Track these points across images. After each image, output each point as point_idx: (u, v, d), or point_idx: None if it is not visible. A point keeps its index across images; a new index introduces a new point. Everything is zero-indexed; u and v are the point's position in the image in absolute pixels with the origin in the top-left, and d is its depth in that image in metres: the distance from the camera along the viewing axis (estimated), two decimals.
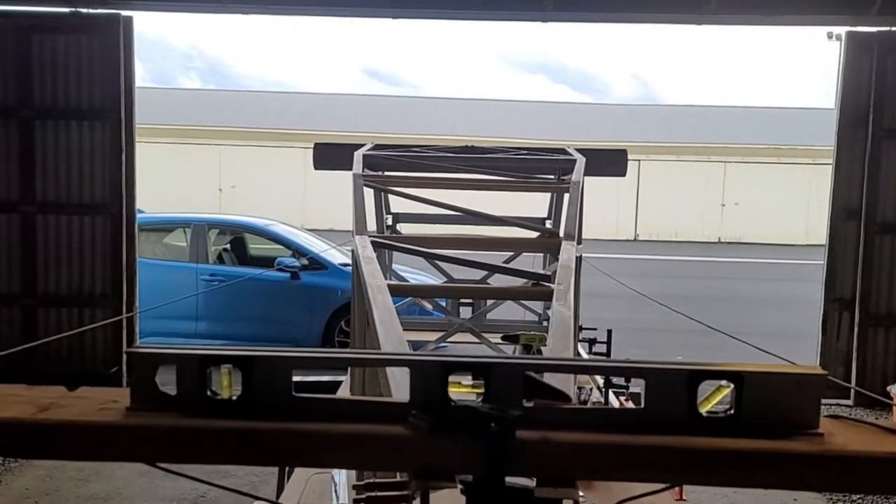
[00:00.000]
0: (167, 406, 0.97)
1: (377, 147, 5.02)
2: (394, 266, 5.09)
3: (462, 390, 0.99)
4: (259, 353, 0.98)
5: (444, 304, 5.19)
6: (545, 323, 5.62)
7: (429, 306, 5.53)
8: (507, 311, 5.59)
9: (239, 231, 9.67)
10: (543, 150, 5.33)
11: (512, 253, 4.37)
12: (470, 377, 1.05)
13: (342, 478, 3.33)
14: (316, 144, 5.67)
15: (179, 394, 0.97)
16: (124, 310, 7.37)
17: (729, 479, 0.92)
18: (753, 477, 0.92)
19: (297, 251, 9.07)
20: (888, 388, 6.22)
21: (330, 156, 5.54)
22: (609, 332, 4.21)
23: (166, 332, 8.20)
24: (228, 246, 9.52)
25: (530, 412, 0.94)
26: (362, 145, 4.81)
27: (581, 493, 0.97)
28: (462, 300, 5.35)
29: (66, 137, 7.38)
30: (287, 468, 4.51)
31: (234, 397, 0.98)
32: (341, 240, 9.84)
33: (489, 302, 5.09)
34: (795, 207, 24.07)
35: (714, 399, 0.96)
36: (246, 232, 9.65)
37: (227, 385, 0.98)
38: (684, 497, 3.02)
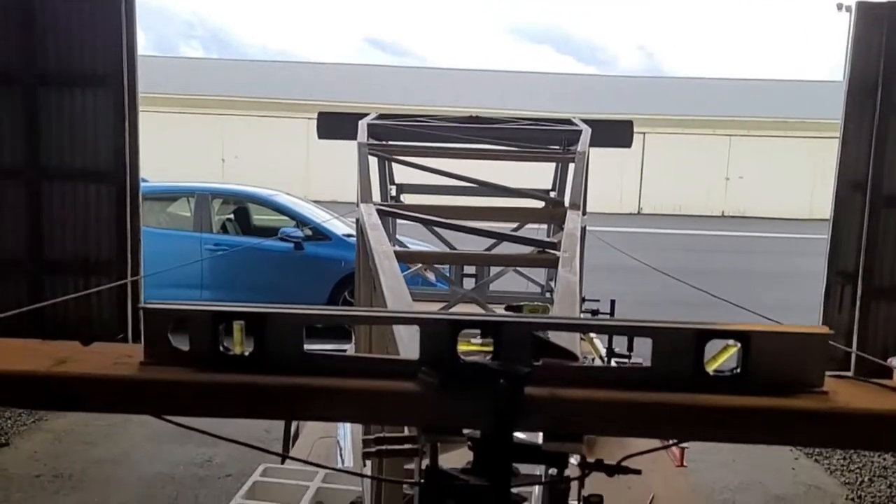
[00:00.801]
0: (180, 361, 0.99)
1: (381, 117, 5.00)
2: (398, 237, 5.10)
3: (471, 348, 1.00)
4: (271, 310, 1.00)
5: (448, 275, 5.21)
6: (548, 294, 5.65)
7: (433, 277, 5.55)
8: (511, 283, 5.62)
9: (243, 201, 9.68)
10: (548, 120, 5.30)
11: (517, 224, 4.37)
12: (478, 336, 1.06)
13: (347, 442, 3.38)
14: (319, 114, 5.64)
15: (192, 349, 0.99)
16: (129, 277, 7.41)
17: (734, 435, 0.94)
18: (758, 433, 0.94)
19: (301, 221, 9.08)
20: (889, 360, 6.25)
21: (333, 125, 5.52)
22: (612, 302, 4.23)
23: (170, 301, 8.23)
24: (232, 216, 9.53)
25: (539, 370, 0.96)
26: (366, 115, 4.79)
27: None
28: (466, 271, 5.37)
29: (70, 104, 7.36)
30: (292, 433, 4.59)
31: (247, 353, 0.99)
32: (345, 211, 9.85)
33: (493, 272, 5.11)
34: (800, 181, 23.98)
35: (721, 358, 0.98)
36: (250, 202, 9.66)
37: (239, 341, 1.00)
38: (685, 464, 3.07)
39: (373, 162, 4.50)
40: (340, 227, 8.92)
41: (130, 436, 5.79)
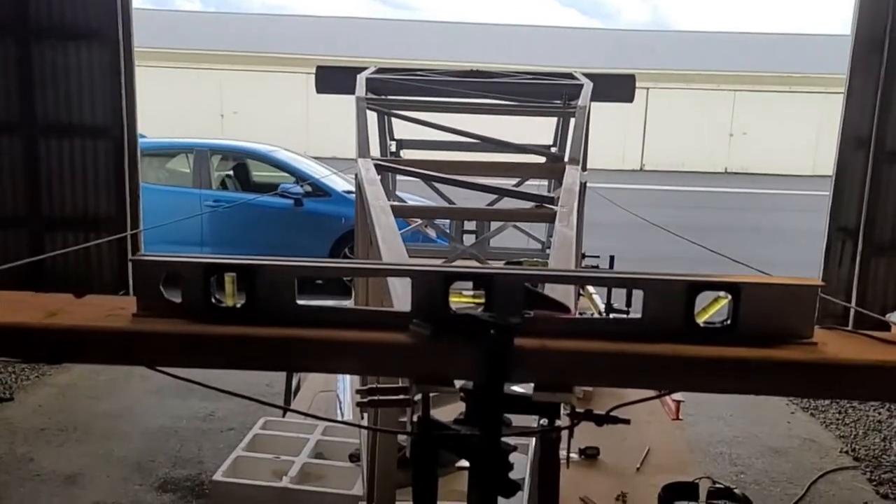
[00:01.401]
0: (172, 313, 0.99)
1: (380, 71, 4.93)
2: (398, 193, 5.07)
3: (463, 300, 1.01)
4: (263, 262, 1.00)
5: (448, 231, 5.21)
6: (548, 250, 5.65)
7: (433, 233, 5.55)
8: (511, 239, 5.62)
9: (242, 157, 9.62)
10: (550, 75, 5.23)
11: (517, 179, 4.35)
12: (471, 288, 1.06)
13: (347, 396, 3.42)
14: (318, 67, 5.57)
15: (184, 301, 0.99)
16: (128, 232, 7.42)
17: (724, 385, 0.95)
18: (748, 383, 0.94)
19: (301, 178, 9.04)
20: (886, 315, 6.29)
21: (332, 79, 5.45)
22: (611, 258, 4.23)
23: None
24: (231, 172, 9.49)
25: (529, 321, 0.96)
26: (365, 69, 4.73)
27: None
28: (466, 227, 5.36)
29: (64, 58, 7.27)
30: (293, 387, 4.64)
31: (238, 305, 1.00)
32: (345, 167, 9.80)
33: (492, 228, 5.10)
34: (804, 138, 23.78)
35: (711, 310, 0.98)
36: (249, 158, 9.60)
37: (231, 293, 1.00)
38: (681, 417, 3.11)
39: (372, 117, 4.46)
40: (341, 183, 8.88)
41: (133, 390, 5.86)
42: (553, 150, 5.00)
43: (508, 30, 28.42)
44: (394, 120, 4.88)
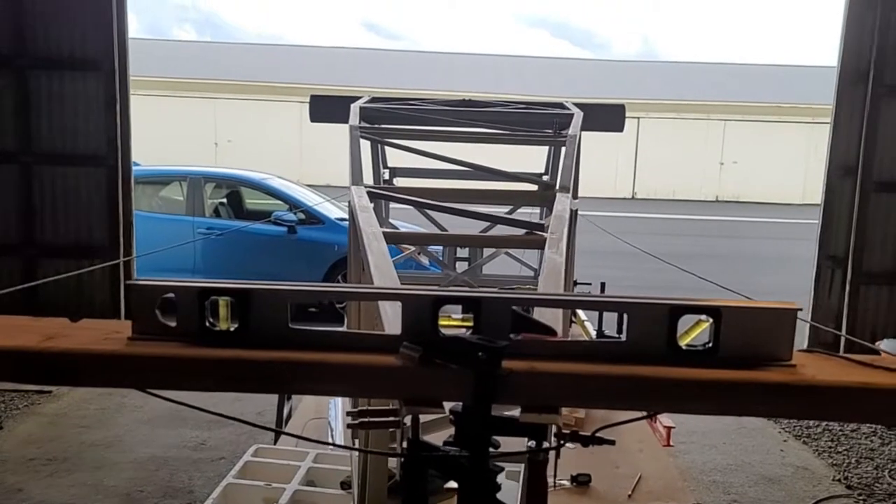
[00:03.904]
0: (167, 337, 1.01)
1: (374, 100, 4.99)
2: (391, 220, 5.11)
3: (452, 324, 1.03)
4: (256, 287, 1.02)
5: (441, 258, 5.24)
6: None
7: (426, 260, 5.58)
8: (503, 266, 5.66)
9: (235, 185, 9.67)
10: (541, 104, 5.31)
11: (509, 207, 4.40)
12: (460, 313, 1.08)
13: (338, 422, 3.42)
14: (312, 96, 5.63)
15: (179, 325, 1.01)
16: (121, 259, 7.42)
17: (706, 407, 0.97)
18: (729, 405, 0.97)
19: (294, 205, 9.09)
20: (876, 343, 6.33)
21: (326, 108, 5.51)
22: (602, 284, 4.26)
23: None
24: (224, 200, 9.53)
25: (517, 343, 0.98)
26: (359, 97, 4.79)
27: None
28: (459, 255, 5.40)
29: (61, 88, 7.33)
30: (285, 415, 4.62)
31: (233, 329, 1.02)
32: (338, 195, 9.83)
33: (485, 255, 5.13)
34: (794, 166, 24.03)
35: (693, 333, 1.00)
36: (243, 186, 9.64)
37: (225, 317, 1.02)
38: (672, 443, 3.11)
39: (365, 146, 4.51)
40: (334, 210, 8.93)
41: (124, 419, 5.82)
42: (545, 178, 5.06)
43: (500, 60, 28.76)
44: (387, 148, 4.93)
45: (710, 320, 0.99)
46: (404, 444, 0.99)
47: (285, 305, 1.02)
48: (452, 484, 0.99)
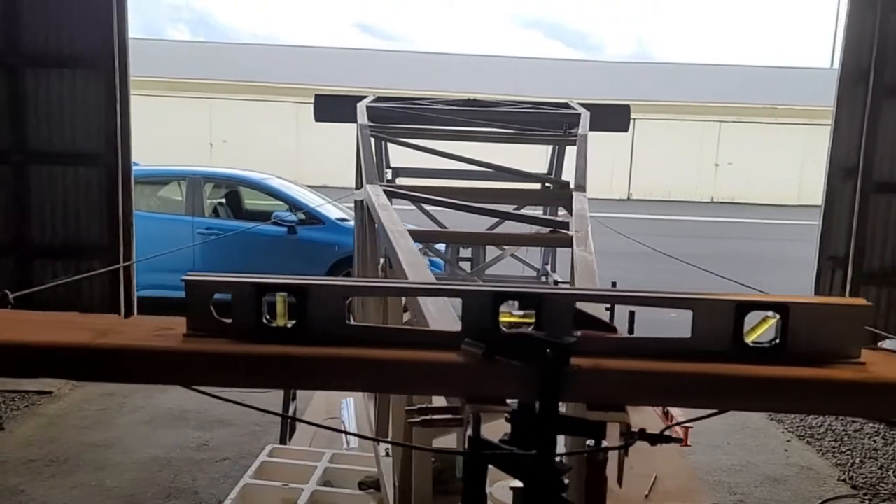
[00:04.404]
0: (222, 333, 0.99)
1: (379, 99, 4.98)
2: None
3: (512, 320, 1.01)
4: (314, 282, 1.00)
5: (446, 256, 5.22)
6: (543, 278, 5.68)
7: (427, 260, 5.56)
8: (507, 267, 5.64)
9: (234, 185, 9.62)
10: (547, 104, 5.30)
11: (515, 206, 4.38)
12: (516, 308, 1.07)
13: (352, 423, 3.40)
14: (317, 96, 5.62)
15: (235, 321, 0.99)
16: (121, 262, 7.35)
17: (772, 404, 0.96)
18: (796, 403, 0.95)
19: (294, 205, 9.05)
20: (879, 343, 6.34)
21: (331, 107, 5.50)
22: (613, 284, 4.24)
23: (163, 286, 8.21)
24: (224, 200, 9.47)
25: (581, 341, 0.96)
26: (363, 97, 4.77)
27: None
28: (462, 255, 5.38)
29: (59, 86, 7.26)
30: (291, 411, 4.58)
31: (289, 325, 1.00)
32: (335, 195, 9.80)
33: (488, 256, 5.12)
34: (789, 168, 24.13)
35: (759, 330, 0.99)
36: (242, 186, 9.60)
37: (282, 313, 1.00)
38: (689, 443, 3.10)
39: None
40: (334, 211, 8.89)
41: (125, 420, 5.78)
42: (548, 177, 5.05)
43: (494, 61, 28.76)
44: (390, 148, 4.91)
45: (777, 317, 0.97)
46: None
47: (342, 301, 1.00)
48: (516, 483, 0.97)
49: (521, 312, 1.01)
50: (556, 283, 4.76)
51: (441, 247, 5.52)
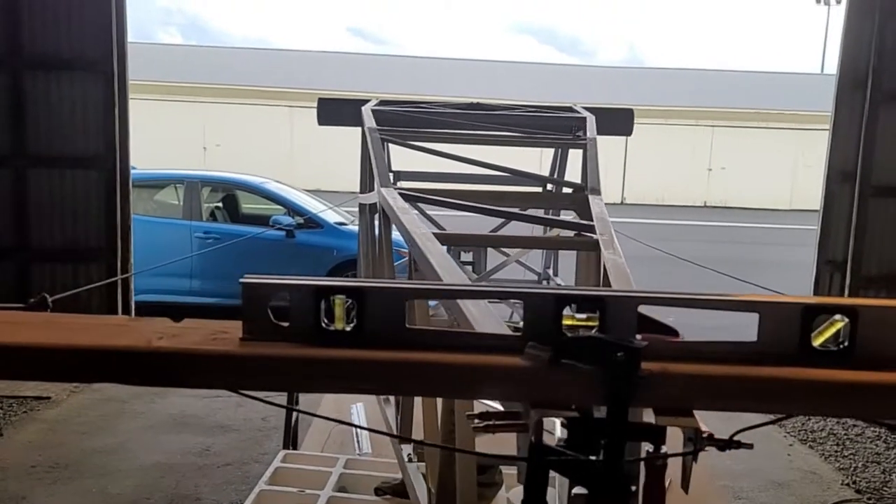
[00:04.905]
0: (280, 337, 0.96)
1: (382, 103, 4.95)
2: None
3: (576, 323, 1.00)
4: (373, 284, 0.98)
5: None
6: (545, 282, 5.67)
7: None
8: (506, 271, 5.62)
9: (232, 188, 9.58)
10: (550, 107, 5.29)
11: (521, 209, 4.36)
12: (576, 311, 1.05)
13: (363, 432, 3.37)
14: (320, 100, 5.58)
15: (293, 325, 0.97)
16: (119, 265, 7.31)
17: (842, 409, 0.94)
18: (866, 407, 0.94)
19: (293, 209, 9.01)
20: None
21: (335, 111, 5.46)
22: None
23: (160, 290, 8.18)
24: (221, 204, 9.43)
25: (649, 344, 0.95)
26: (366, 101, 4.74)
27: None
28: (463, 260, 5.36)
29: (58, 90, 7.22)
30: (293, 422, 4.55)
31: (349, 328, 0.98)
32: (330, 199, 9.75)
33: (489, 265, 5.09)
34: (781, 172, 24.27)
35: (827, 333, 0.97)
36: (240, 189, 9.56)
37: (341, 316, 0.98)
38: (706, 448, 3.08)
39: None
40: (332, 214, 8.87)
41: (126, 425, 5.72)
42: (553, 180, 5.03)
43: (488, 65, 28.84)
44: (391, 152, 4.88)
45: (846, 320, 0.96)
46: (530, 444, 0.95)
47: (402, 304, 0.98)
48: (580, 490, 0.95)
49: (583, 315, 0.99)
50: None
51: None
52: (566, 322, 0.98)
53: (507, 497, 2.27)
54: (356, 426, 3.18)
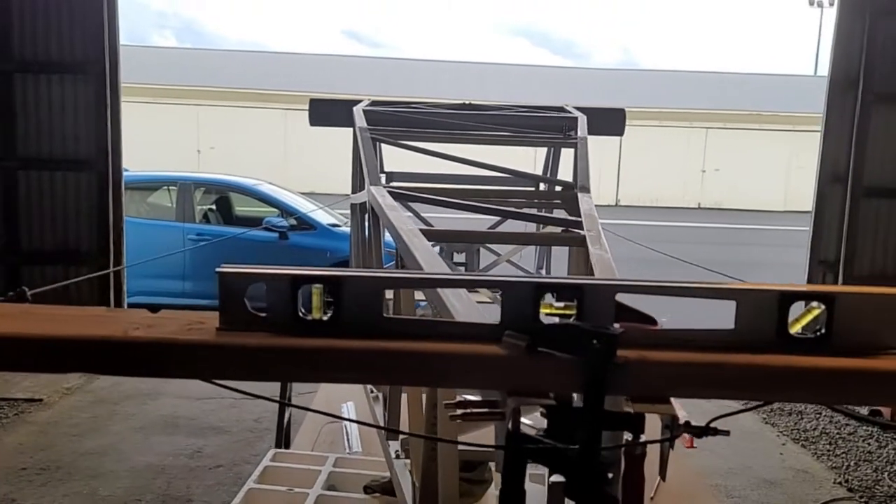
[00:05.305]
0: (257, 327, 0.96)
1: (374, 103, 4.95)
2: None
3: (553, 311, 0.99)
4: (350, 274, 0.98)
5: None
6: None
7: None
8: (500, 271, 5.62)
9: (225, 190, 9.56)
10: (542, 108, 5.30)
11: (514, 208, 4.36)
12: (554, 300, 1.04)
13: (353, 427, 3.37)
14: (311, 100, 5.57)
15: (269, 314, 0.96)
16: (111, 267, 7.29)
17: (819, 396, 0.95)
18: (843, 394, 0.94)
19: (285, 211, 9.00)
20: None
21: (326, 112, 5.46)
22: None
23: (153, 291, 8.15)
24: (214, 206, 9.42)
25: (626, 332, 0.95)
26: (359, 102, 4.74)
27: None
28: (455, 260, 5.36)
29: (48, 92, 7.21)
30: (285, 422, 4.54)
31: (325, 318, 0.97)
32: (324, 202, 9.74)
33: (481, 264, 5.09)
34: (775, 174, 24.34)
35: (804, 320, 0.98)
36: (233, 191, 9.54)
37: (318, 305, 0.97)
38: (695, 445, 3.09)
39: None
40: (325, 216, 8.86)
41: (117, 427, 5.70)
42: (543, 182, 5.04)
43: (482, 67, 28.85)
44: (383, 153, 4.88)
45: (822, 307, 0.96)
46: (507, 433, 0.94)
47: (379, 293, 0.98)
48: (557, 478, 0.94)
49: (560, 304, 0.99)
50: None
51: (435, 249, 5.50)
52: (545, 311, 0.98)
53: (497, 494, 2.26)
54: (344, 419, 3.17)
